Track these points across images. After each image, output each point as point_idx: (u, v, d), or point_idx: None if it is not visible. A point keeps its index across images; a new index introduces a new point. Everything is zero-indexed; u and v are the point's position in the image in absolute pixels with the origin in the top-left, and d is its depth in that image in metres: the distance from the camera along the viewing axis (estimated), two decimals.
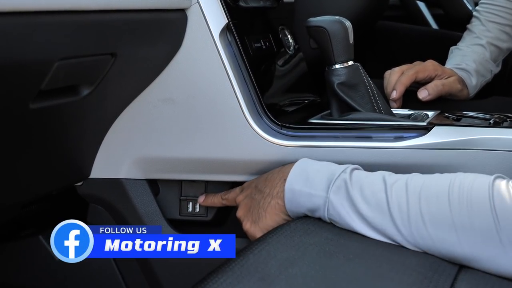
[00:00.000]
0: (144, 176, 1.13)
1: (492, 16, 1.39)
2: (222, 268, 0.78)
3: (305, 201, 0.94)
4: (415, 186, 0.86)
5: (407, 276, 0.80)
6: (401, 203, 0.86)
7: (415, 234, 0.85)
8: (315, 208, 0.93)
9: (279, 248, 0.84)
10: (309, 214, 0.95)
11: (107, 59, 0.92)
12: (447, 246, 0.83)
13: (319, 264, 0.80)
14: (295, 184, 0.96)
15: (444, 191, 0.84)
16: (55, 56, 0.82)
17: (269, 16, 1.24)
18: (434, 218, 0.84)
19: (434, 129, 1.02)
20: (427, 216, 0.84)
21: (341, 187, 0.92)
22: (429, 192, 0.85)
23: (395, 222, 0.86)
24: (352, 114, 1.08)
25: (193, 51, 1.05)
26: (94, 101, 0.97)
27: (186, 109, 1.07)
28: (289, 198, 0.96)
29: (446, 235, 0.83)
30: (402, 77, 1.30)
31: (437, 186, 0.85)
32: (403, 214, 0.86)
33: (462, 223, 0.82)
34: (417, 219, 0.84)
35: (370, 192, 0.89)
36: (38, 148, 0.98)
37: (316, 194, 0.93)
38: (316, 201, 0.93)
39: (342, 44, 1.10)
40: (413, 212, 0.85)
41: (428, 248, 0.85)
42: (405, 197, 0.86)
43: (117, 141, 1.11)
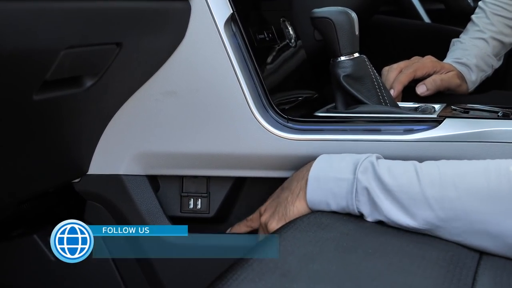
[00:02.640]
0: (144, 172, 1.09)
1: (498, 9, 1.37)
2: (240, 264, 0.76)
3: (331, 187, 0.91)
4: (447, 168, 0.86)
5: (430, 270, 0.78)
6: (433, 180, 0.85)
7: (448, 207, 0.83)
8: (341, 193, 0.90)
9: (296, 243, 0.82)
10: (332, 203, 0.92)
11: (113, 49, 0.88)
12: (481, 218, 0.82)
13: (339, 260, 0.78)
14: (319, 171, 0.93)
15: (480, 170, 0.83)
16: (61, 44, 0.78)
17: (270, 8, 1.21)
18: (470, 190, 0.82)
19: (445, 122, 1.00)
20: (462, 188, 0.82)
21: (368, 168, 0.90)
22: (464, 171, 0.84)
23: (425, 196, 0.84)
24: (360, 107, 1.06)
25: (197, 42, 1.02)
26: (96, 93, 0.94)
27: (189, 102, 1.04)
28: (313, 187, 0.93)
29: (482, 207, 0.81)
30: (400, 75, 1.28)
31: (471, 166, 0.85)
32: (435, 189, 0.84)
33: (500, 196, 0.80)
34: (451, 192, 0.83)
35: (399, 171, 0.88)
36: (36, 142, 0.95)
37: (342, 177, 0.91)
38: (343, 184, 0.90)
39: (348, 36, 1.08)
40: (448, 185, 0.84)
41: (459, 223, 0.83)
42: (438, 175, 0.85)
43: (116, 135, 1.07)
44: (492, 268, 0.82)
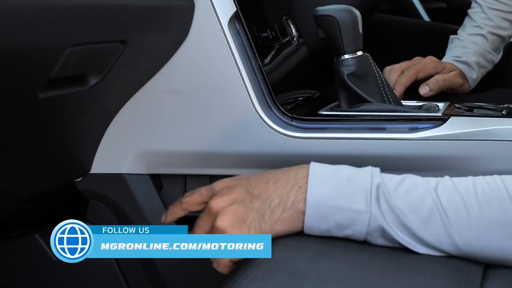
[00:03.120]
0: (147, 171, 1.09)
1: (494, 3, 1.37)
2: (250, 263, 0.75)
3: (338, 217, 0.78)
4: (466, 186, 0.77)
5: (438, 269, 0.77)
6: (458, 207, 0.76)
7: (473, 245, 0.76)
8: (349, 224, 0.78)
9: (304, 242, 0.81)
10: (335, 232, 0.79)
11: (117, 47, 0.88)
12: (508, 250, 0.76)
13: (348, 259, 0.77)
14: (323, 198, 0.78)
15: (502, 191, 0.76)
16: (67, 42, 0.78)
17: (272, 6, 1.20)
18: (497, 220, 0.75)
19: (450, 120, 0.99)
20: (489, 219, 0.75)
21: (380, 198, 0.77)
22: (486, 193, 0.76)
23: (450, 235, 0.76)
24: (364, 105, 1.06)
25: (201, 40, 1.01)
26: (100, 91, 0.93)
27: (192, 101, 1.04)
28: (312, 214, 0.78)
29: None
30: (402, 77, 1.28)
31: (490, 186, 0.76)
32: (462, 229, 0.76)
33: None
34: (478, 222, 0.75)
35: (416, 197, 0.77)
36: (39, 141, 0.94)
37: (352, 208, 0.77)
38: (352, 216, 0.77)
39: (351, 34, 1.07)
40: (473, 215, 0.75)
41: (482, 253, 0.77)
42: (461, 199, 0.76)
43: (119, 134, 1.06)
44: (502, 267, 0.82)
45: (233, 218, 0.81)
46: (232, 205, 0.81)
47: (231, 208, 0.81)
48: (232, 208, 0.81)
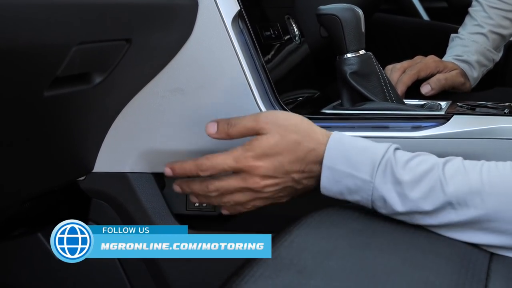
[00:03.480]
0: (150, 169, 1.09)
1: (495, 2, 1.37)
2: (255, 261, 0.75)
3: (347, 182, 0.86)
4: (473, 165, 0.82)
5: (444, 266, 0.78)
6: (460, 182, 0.81)
7: (472, 212, 0.80)
8: (357, 190, 0.86)
9: (309, 240, 0.81)
10: (346, 195, 0.87)
11: (122, 45, 0.88)
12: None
13: (354, 256, 0.77)
14: (335, 163, 0.86)
15: (508, 171, 0.80)
16: (73, 40, 0.78)
17: (275, 5, 1.21)
18: (498, 195, 0.79)
19: (453, 118, 1.00)
20: (487, 197, 0.79)
21: (386, 170, 0.84)
22: (491, 172, 0.80)
23: (450, 203, 0.81)
24: (367, 104, 1.06)
25: (204, 39, 1.02)
26: (104, 90, 0.93)
27: (195, 100, 1.04)
28: (327, 177, 0.87)
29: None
30: (404, 76, 1.28)
31: (498, 167, 0.81)
32: (461, 197, 0.80)
33: None
34: (477, 200, 0.80)
35: (421, 171, 0.82)
36: (43, 140, 0.94)
37: (359, 176, 0.85)
38: (359, 183, 0.85)
39: (354, 33, 1.08)
40: (475, 188, 0.80)
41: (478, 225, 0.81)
42: (465, 173, 0.81)
43: (122, 133, 1.06)
44: (504, 263, 0.82)
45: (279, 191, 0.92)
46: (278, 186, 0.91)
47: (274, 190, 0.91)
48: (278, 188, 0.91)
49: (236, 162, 0.89)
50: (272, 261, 0.75)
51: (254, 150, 0.88)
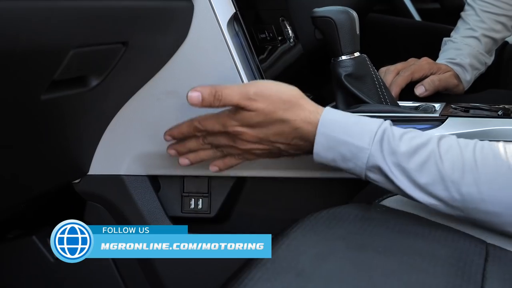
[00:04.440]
0: (145, 172, 1.09)
1: (487, 6, 1.38)
2: (253, 263, 0.75)
3: (341, 150, 0.87)
4: (469, 152, 0.84)
5: (440, 268, 0.78)
6: (455, 157, 0.83)
7: (464, 192, 0.83)
8: (351, 158, 0.87)
9: (306, 243, 0.81)
10: (339, 163, 0.89)
11: (119, 49, 0.88)
12: (495, 195, 0.82)
13: (351, 259, 0.78)
14: (330, 130, 0.88)
15: (501, 149, 0.83)
16: (71, 43, 0.78)
17: (269, 7, 1.21)
18: (487, 177, 0.82)
19: (448, 121, 1.00)
20: (480, 176, 0.82)
21: (383, 140, 0.86)
22: (484, 149, 0.83)
23: (443, 178, 0.83)
24: (362, 106, 1.06)
25: (200, 42, 1.02)
26: (100, 93, 0.93)
27: None
28: (321, 143, 0.88)
29: (499, 193, 0.82)
30: (397, 78, 1.29)
31: (491, 145, 0.84)
32: (455, 174, 0.83)
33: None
34: (472, 169, 0.82)
35: (415, 144, 0.85)
36: (38, 143, 0.94)
37: (355, 143, 0.87)
38: (354, 150, 0.87)
39: (349, 35, 1.08)
40: (468, 164, 0.83)
41: (471, 200, 0.83)
42: (461, 160, 0.83)
43: (118, 135, 1.07)
44: (500, 264, 0.83)
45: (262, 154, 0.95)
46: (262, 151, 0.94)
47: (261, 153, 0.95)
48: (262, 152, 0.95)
49: (223, 127, 0.93)
50: (270, 264, 0.75)
51: (240, 121, 0.91)
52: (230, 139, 0.94)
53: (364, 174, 0.89)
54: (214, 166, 1.00)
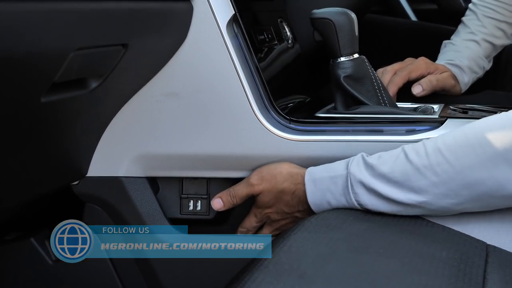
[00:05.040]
0: (144, 173, 1.09)
1: (489, 11, 1.38)
2: (255, 266, 0.75)
3: (328, 185, 0.95)
4: (431, 139, 0.91)
5: (442, 270, 0.78)
6: (419, 151, 0.90)
7: (438, 171, 0.87)
8: (338, 190, 0.94)
9: (308, 245, 0.82)
10: (332, 201, 0.95)
11: (119, 50, 0.88)
12: (467, 163, 0.86)
13: (353, 260, 0.78)
14: (314, 174, 0.97)
15: (461, 134, 0.89)
16: (71, 46, 0.77)
17: (268, 9, 1.21)
18: (451, 148, 0.88)
19: (447, 122, 1.00)
20: (445, 151, 0.88)
21: (359, 161, 0.94)
22: (445, 138, 0.89)
23: (415, 167, 0.89)
24: (361, 107, 1.06)
25: (199, 43, 1.01)
26: (99, 94, 0.93)
27: (190, 104, 1.04)
28: (311, 189, 0.97)
29: (463, 151, 0.87)
30: (395, 77, 1.29)
31: (451, 133, 0.90)
32: (422, 158, 0.89)
33: (479, 141, 0.86)
34: (438, 157, 0.88)
35: (388, 155, 0.92)
36: (38, 145, 0.93)
37: (336, 174, 0.94)
38: (338, 181, 0.94)
39: (348, 36, 1.08)
40: (433, 152, 0.89)
41: (453, 183, 0.87)
42: (423, 146, 0.90)
43: (116, 137, 1.06)
44: (500, 266, 0.83)
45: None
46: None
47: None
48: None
49: (257, 217, 1.07)
50: (272, 266, 0.75)
51: (261, 207, 1.05)
52: (269, 226, 1.07)
53: (354, 201, 0.93)
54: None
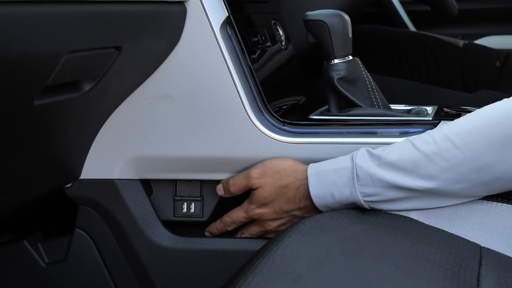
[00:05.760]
0: (137, 176, 1.08)
1: None
2: (250, 269, 0.75)
3: (332, 178, 0.94)
4: (438, 128, 0.92)
5: (436, 272, 0.78)
6: (427, 140, 0.90)
7: (447, 157, 0.88)
8: (343, 182, 0.93)
9: (302, 247, 0.81)
10: (336, 194, 0.94)
11: (112, 53, 0.87)
12: (476, 148, 0.87)
13: (347, 264, 0.78)
14: (317, 167, 0.96)
15: (467, 121, 0.89)
16: (64, 49, 0.77)
17: (261, 10, 1.21)
18: (461, 135, 0.88)
19: (441, 124, 1.00)
20: (455, 137, 0.88)
21: (364, 153, 0.93)
22: (451, 125, 0.90)
23: (424, 154, 0.89)
24: (354, 109, 1.06)
25: (193, 45, 1.01)
26: (93, 97, 0.93)
27: (184, 106, 1.04)
28: (314, 182, 0.96)
29: (472, 137, 0.87)
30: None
31: (459, 123, 0.90)
32: (431, 146, 0.89)
33: (486, 125, 0.87)
34: (446, 143, 0.88)
35: (393, 146, 0.92)
36: (30, 147, 0.93)
37: (341, 167, 0.94)
38: (343, 173, 0.93)
39: (341, 38, 1.08)
40: (441, 139, 0.89)
41: (462, 168, 0.88)
42: (430, 135, 0.90)
43: (110, 140, 1.06)
44: (494, 268, 0.83)
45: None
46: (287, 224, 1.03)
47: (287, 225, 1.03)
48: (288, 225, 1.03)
49: (247, 213, 1.04)
50: (266, 269, 0.75)
51: (256, 202, 1.03)
52: (259, 226, 1.05)
53: (359, 192, 0.93)
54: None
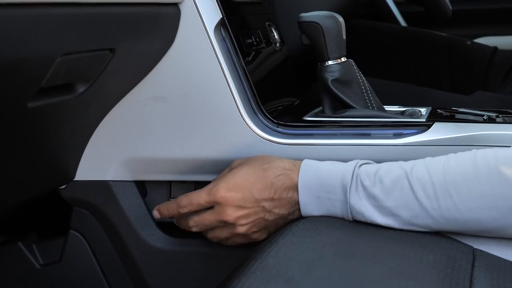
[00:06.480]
0: (132, 177, 1.09)
1: None
2: (243, 271, 0.75)
3: (326, 205, 0.92)
4: (438, 173, 0.86)
5: (429, 274, 0.78)
6: (427, 190, 0.86)
7: (447, 216, 0.85)
8: (337, 211, 0.92)
9: (295, 249, 0.82)
10: (327, 214, 0.93)
11: (106, 55, 0.87)
12: (477, 215, 0.84)
13: (340, 266, 0.78)
14: (309, 189, 0.92)
15: (468, 167, 0.85)
16: (58, 51, 0.77)
17: (256, 12, 1.21)
18: (464, 196, 0.84)
19: (434, 126, 1.01)
20: (457, 196, 0.84)
21: (358, 186, 0.89)
22: (454, 172, 0.85)
23: (425, 208, 0.86)
24: (348, 111, 1.06)
25: (187, 47, 1.01)
26: (87, 99, 0.93)
27: (178, 107, 1.04)
28: (305, 201, 0.93)
29: (476, 203, 0.84)
30: None
31: (460, 165, 0.86)
32: (432, 200, 0.85)
33: (492, 192, 0.83)
34: (448, 201, 0.85)
35: (389, 182, 0.87)
36: (24, 149, 0.93)
37: (334, 198, 0.91)
38: (337, 204, 0.91)
39: (335, 40, 1.08)
40: (443, 195, 0.85)
41: (456, 222, 0.86)
42: (431, 184, 0.86)
43: (104, 141, 1.06)
44: (487, 270, 0.83)
45: (252, 225, 0.95)
46: (255, 219, 0.95)
47: (252, 221, 0.95)
48: (254, 221, 0.95)
49: (209, 195, 0.95)
50: (259, 271, 0.75)
51: (227, 181, 0.94)
52: (215, 214, 0.95)
53: (352, 219, 0.91)
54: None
